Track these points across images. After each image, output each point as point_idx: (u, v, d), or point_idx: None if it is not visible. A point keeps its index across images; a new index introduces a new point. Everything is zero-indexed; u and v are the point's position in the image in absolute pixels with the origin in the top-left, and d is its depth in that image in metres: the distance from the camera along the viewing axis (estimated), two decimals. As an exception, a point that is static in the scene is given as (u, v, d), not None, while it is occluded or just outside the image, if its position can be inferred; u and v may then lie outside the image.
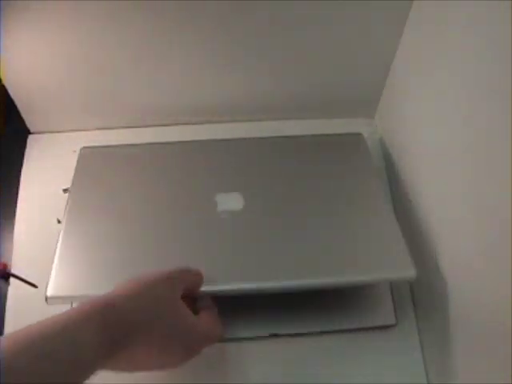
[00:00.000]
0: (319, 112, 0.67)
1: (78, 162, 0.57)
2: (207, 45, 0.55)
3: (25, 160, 0.66)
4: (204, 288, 0.46)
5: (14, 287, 0.57)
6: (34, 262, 0.58)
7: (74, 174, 0.56)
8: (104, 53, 0.57)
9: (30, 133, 0.68)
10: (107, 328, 0.34)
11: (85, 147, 0.59)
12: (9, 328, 0.55)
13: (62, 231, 0.51)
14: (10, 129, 0.68)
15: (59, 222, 0.61)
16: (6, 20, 0.45)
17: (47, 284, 0.48)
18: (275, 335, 0.53)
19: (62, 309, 0.37)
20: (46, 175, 0.64)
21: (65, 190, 0.63)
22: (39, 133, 0.68)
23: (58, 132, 0.66)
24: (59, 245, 0.51)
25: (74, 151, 0.63)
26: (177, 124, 0.66)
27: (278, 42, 0.56)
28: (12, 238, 0.60)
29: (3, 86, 0.61)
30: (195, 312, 0.43)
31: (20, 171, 0.64)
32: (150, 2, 0.49)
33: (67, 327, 0.33)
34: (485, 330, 0.42)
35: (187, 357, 0.41)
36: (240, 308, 0.53)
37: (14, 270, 0.58)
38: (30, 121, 0.66)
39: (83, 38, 0.55)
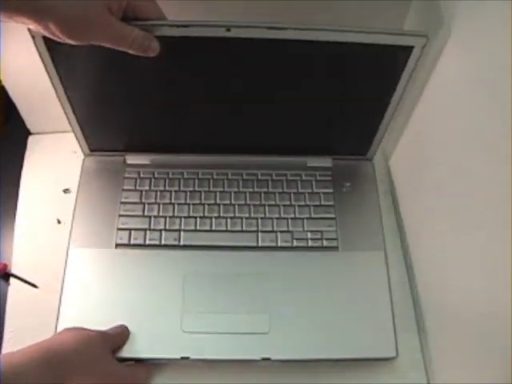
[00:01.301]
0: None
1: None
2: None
3: (25, 160, 0.66)
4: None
5: (14, 287, 0.57)
6: (34, 262, 0.59)
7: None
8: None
9: (30, 133, 0.68)
10: (50, 369, 0.42)
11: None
12: (9, 328, 0.55)
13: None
14: (10, 129, 0.68)
15: (59, 222, 0.61)
16: (6, 22, 0.46)
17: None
18: (267, 359, 0.51)
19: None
20: (46, 175, 0.64)
21: (65, 190, 0.63)
22: (39, 133, 0.68)
23: (58, 132, 0.66)
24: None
25: (74, 152, 0.64)
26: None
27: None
28: (12, 237, 0.60)
29: (3, 88, 0.61)
30: None
31: (20, 172, 0.65)
32: None
33: (20, 371, 0.40)
34: (485, 331, 0.42)
35: None
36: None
37: (14, 270, 0.58)
38: (30, 122, 0.66)
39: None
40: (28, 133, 0.68)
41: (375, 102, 0.54)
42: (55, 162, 0.65)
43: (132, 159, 0.62)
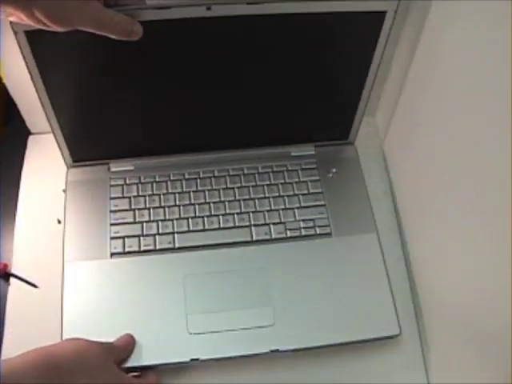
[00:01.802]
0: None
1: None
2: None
3: (25, 160, 0.66)
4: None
5: (14, 287, 0.57)
6: (34, 262, 0.59)
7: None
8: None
9: (30, 133, 0.68)
10: (48, 374, 0.41)
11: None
12: (9, 328, 0.55)
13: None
14: (10, 129, 0.68)
15: (59, 222, 0.61)
16: (7, 21, 0.46)
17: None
18: (276, 351, 0.51)
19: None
20: (46, 175, 0.64)
21: (65, 190, 0.63)
22: (39, 133, 0.68)
23: (58, 132, 0.66)
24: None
25: (74, 151, 0.64)
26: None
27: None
28: (12, 237, 0.60)
29: (4, 87, 0.61)
30: None
31: (20, 171, 0.65)
32: None
33: (17, 374, 0.40)
34: (485, 331, 0.42)
35: None
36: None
37: (14, 270, 0.58)
38: (30, 122, 0.66)
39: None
40: (28, 133, 0.68)
41: (352, 76, 0.54)
42: (55, 161, 0.65)
43: (116, 166, 0.61)
